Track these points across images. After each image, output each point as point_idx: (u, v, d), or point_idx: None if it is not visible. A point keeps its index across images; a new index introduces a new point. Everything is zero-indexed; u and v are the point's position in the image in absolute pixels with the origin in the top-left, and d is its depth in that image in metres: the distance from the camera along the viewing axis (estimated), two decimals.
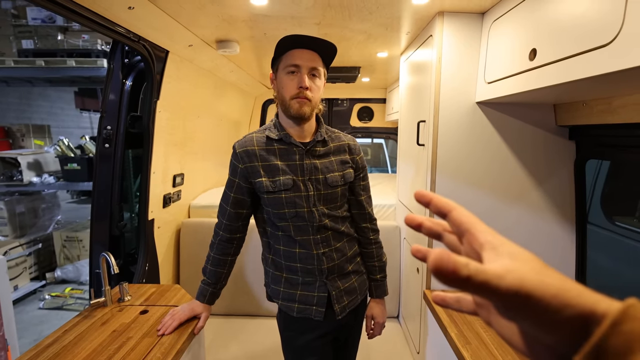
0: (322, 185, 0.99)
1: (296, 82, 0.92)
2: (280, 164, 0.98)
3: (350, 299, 1.06)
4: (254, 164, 0.98)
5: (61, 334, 1.04)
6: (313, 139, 1.00)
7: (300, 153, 0.98)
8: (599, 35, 0.71)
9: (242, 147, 0.99)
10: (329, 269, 1.02)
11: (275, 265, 1.06)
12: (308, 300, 1.02)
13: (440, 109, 1.34)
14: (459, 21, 1.29)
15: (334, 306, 1.03)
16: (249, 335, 1.91)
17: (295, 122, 0.97)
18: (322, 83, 0.98)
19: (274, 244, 1.05)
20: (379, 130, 3.44)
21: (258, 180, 0.97)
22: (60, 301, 3.04)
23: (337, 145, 1.04)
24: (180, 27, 1.39)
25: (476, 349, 1.03)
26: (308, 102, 0.93)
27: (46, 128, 4.24)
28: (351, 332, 1.17)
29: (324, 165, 1.00)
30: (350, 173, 1.04)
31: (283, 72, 0.94)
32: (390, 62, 2.11)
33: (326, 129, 1.05)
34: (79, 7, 1.02)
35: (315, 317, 1.01)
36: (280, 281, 1.05)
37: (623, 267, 1.24)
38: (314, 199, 0.98)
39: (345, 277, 1.06)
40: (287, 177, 0.97)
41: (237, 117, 2.99)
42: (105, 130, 1.54)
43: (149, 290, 1.35)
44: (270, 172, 0.97)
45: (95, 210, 1.56)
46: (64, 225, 3.86)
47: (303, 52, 0.93)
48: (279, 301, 1.05)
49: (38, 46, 3.32)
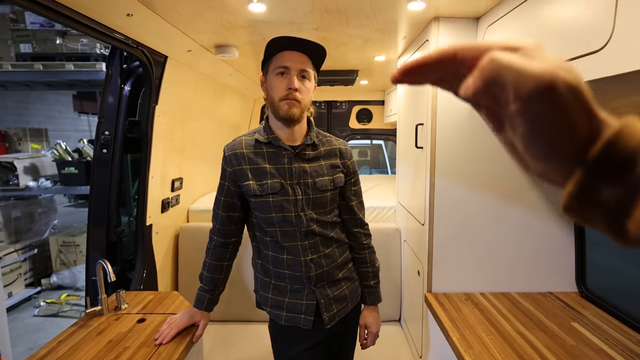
0: (311, 190, 0.98)
1: (285, 83, 0.92)
2: (269, 167, 0.97)
3: (340, 307, 1.04)
4: (242, 167, 0.97)
5: (55, 345, 1.02)
6: (303, 142, 0.99)
7: (289, 156, 0.97)
8: (590, 42, 0.72)
9: (230, 150, 0.99)
10: (317, 276, 0.99)
11: (264, 271, 1.05)
12: (296, 308, 1.00)
13: (437, 112, 1.35)
14: (454, 26, 1.30)
15: (322, 314, 1.00)
16: (248, 342, 1.89)
17: (285, 124, 0.96)
18: (312, 85, 0.97)
19: (263, 249, 1.04)
20: (378, 132, 3.45)
21: (245, 184, 0.96)
22: (55, 308, 3.00)
23: (328, 149, 1.03)
24: (178, 33, 1.39)
25: (478, 353, 1.03)
26: (297, 103, 0.93)
27: (44, 131, 4.22)
28: (344, 341, 1.13)
29: (313, 169, 0.99)
30: (340, 178, 1.03)
31: (272, 73, 0.94)
32: (388, 65, 2.12)
33: (317, 132, 1.04)
34: (76, 14, 1.02)
35: (303, 325, 0.99)
36: (269, 288, 1.03)
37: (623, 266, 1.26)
38: (302, 203, 0.97)
39: (335, 284, 1.04)
40: (275, 180, 0.96)
41: (236, 120, 2.99)
42: (103, 136, 1.53)
43: (146, 297, 1.34)
44: (258, 176, 0.96)
45: (92, 216, 1.55)
46: (61, 229, 3.83)
47: (292, 54, 0.93)
48: (267, 308, 1.04)
49: (36, 50, 3.31)
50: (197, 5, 1.16)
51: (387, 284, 2.04)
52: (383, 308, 2.17)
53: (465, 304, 1.32)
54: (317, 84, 1.01)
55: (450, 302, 1.34)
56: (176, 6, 1.16)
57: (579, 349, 1.03)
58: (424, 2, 1.16)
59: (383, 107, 3.34)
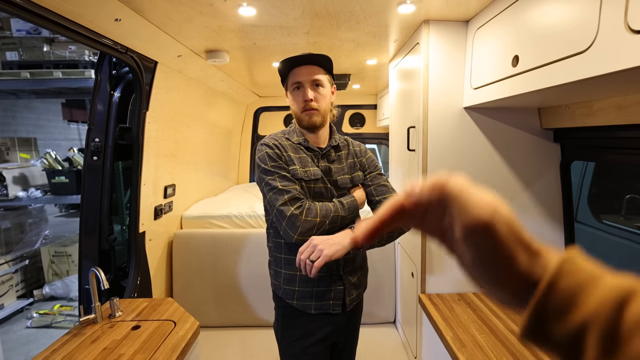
0: (334, 187, 1.07)
1: (301, 97, 1.03)
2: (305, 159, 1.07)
3: (357, 293, 1.12)
4: (288, 154, 1.04)
5: (49, 354, 1.01)
6: (328, 144, 1.11)
7: (317, 157, 1.08)
8: (576, 43, 0.74)
9: (273, 140, 1.06)
10: (345, 261, 1.07)
11: (289, 265, 1.06)
12: (326, 295, 1.05)
13: (429, 115, 1.36)
14: (444, 29, 1.32)
15: (345, 298, 1.07)
16: (245, 347, 1.88)
17: (309, 132, 1.07)
18: (327, 90, 1.06)
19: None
20: (371, 136, 3.47)
21: (292, 168, 1.03)
22: (49, 319, 2.94)
23: (347, 151, 1.15)
24: (168, 38, 1.39)
25: (472, 351, 1.04)
26: (316, 111, 1.03)
27: (32, 141, 4.15)
28: (349, 336, 1.18)
29: (336, 169, 1.09)
30: (359, 175, 1.13)
31: (290, 89, 1.06)
32: (380, 69, 2.14)
33: (339, 136, 1.15)
34: (63, 19, 1.01)
35: (333, 310, 1.06)
36: (295, 280, 1.06)
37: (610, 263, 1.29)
38: (328, 197, 1.07)
39: (354, 271, 1.11)
40: (315, 168, 1.05)
41: (229, 126, 2.98)
42: (94, 143, 1.52)
43: (140, 304, 1.32)
44: (301, 163, 1.04)
45: (83, 224, 1.53)
46: (52, 240, 3.76)
47: (301, 69, 1.03)
48: (294, 301, 1.06)
49: (23, 58, 3.27)
50: (186, 10, 1.17)
51: (382, 286, 2.04)
52: (378, 311, 2.19)
53: (458, 304, 1.33)
54: (335, 87, 1.11)
55: (443, 302, 1.35)
56: (165, 11, 1.16)
57: None
58: (414, 5, 1.17)
59: (375, 111, 3.36)
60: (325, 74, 1.05)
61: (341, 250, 0.88)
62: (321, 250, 0.86)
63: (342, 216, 1.00)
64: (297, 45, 1.63)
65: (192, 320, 1.21)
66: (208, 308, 2.00)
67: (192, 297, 1.95)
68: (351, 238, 0.31)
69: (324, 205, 0.99)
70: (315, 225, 0.95)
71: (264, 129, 3.42)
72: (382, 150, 5.44)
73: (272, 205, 0.98)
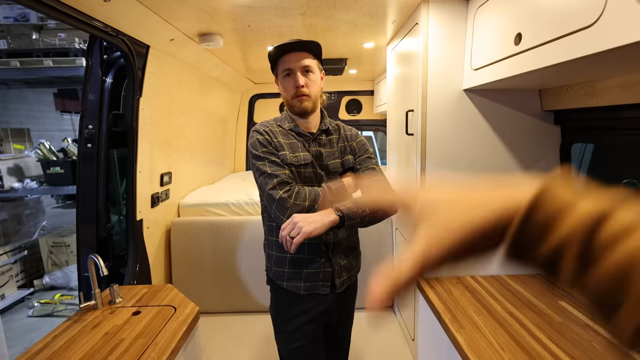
0: (325, 171, 1.08)
1: (292, 83, 1.04)
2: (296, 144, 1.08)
3: (348, 275, 1.14)
4: (278, 140, 1.06)
5: (51, 340, 1.02)
6: (319, 129, 1.11)
7: (308, 141, 1.09)
8: (582, 17, 0.71)
9: (263, 127, 1.08)
10: (335, 244, 1.09)
11: (280, 247, 1.07)
12: (314, 277, 1.07)
13: (428, 98, 1.34)
14: (444, 8, 1.29)
15: (335, 280, 1.09)
16: (244, 332, 1.90)
17: (300, 117, 1.08)
18: (317, 76, 1.07)
19: None
20: (368, 123, 3.44)
21: (282, 153, 1.04)
22: (50, 308, 2.96)
23: (338, 135, 1.15)
24: (160, 20, 1.34)
25: (470, 332, 1.05)
26: (307, 97, 1.04)
27: (25, 131, 4.08)
28: (343, 317, 1.20)
29: (327, 153, 1.10)
30: (349, 159, 1.13)
31: (281, 76, 1.06)
32: (377, 52, 2.10)
33: (329, 120, 1.15)
34: (52, 0, 0.98)
35: (322, 291, 1.08)
36: (285, 262, 1.08)
37: None
38: (319, 181, 1.08)
39: (344, 254, 1.13)
40: (306, 153, 1.06)
41: (224, 113, 2.94)
42: (87, 130, 1.49)
43: (140, 291, 1.33)
44: (291, 149, 1.06)
45: (80, 213, 1.52)
46: (50, 231, 3.75)
47: (291, 55, 1.03)
48: (284, 283, 1.09)
49: (12, 46, 3.18)
50: None
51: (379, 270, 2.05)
52: None
53: (456, 287, 1.34)
54: (324, 72, 1.11)
55: (441, 285, 1.36)
56: None
57: (566, 326, 1.06)
58: None
59: (372, 97, 3.32)
60: (315, 59, 1.06)
61: (320, 228, 0.90)
62: (300, 227, 0.89)
63: (331, 201, 1.02)
64: (293, 28, 1.58)
65: (192, 306, 1.22)
66: (207, 294, 2.01)
67: (192, 283, 1.97)
68: (368, 307, 0.27)
69: (312, 189, 1.01)
70: (304, 209, 0.97)
71: (259, 117, 3.38)
72: (379, 137, 5.40)
73: (263, 190, 1.01)
